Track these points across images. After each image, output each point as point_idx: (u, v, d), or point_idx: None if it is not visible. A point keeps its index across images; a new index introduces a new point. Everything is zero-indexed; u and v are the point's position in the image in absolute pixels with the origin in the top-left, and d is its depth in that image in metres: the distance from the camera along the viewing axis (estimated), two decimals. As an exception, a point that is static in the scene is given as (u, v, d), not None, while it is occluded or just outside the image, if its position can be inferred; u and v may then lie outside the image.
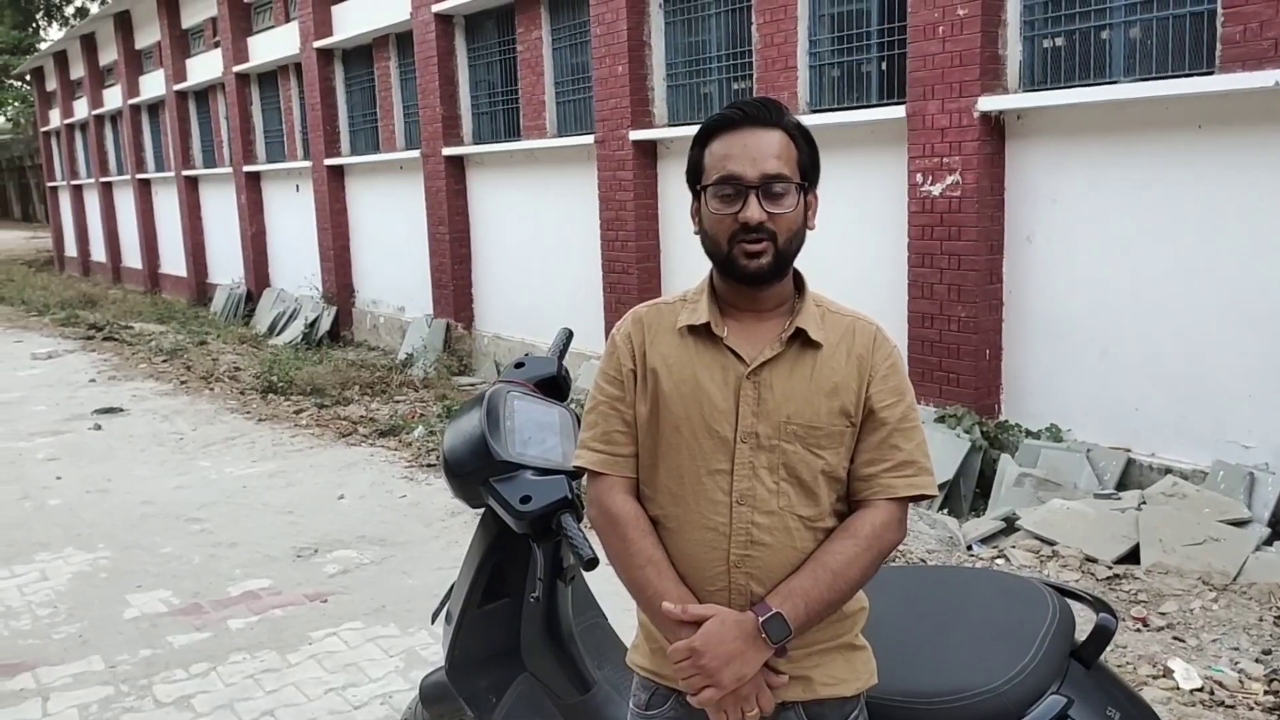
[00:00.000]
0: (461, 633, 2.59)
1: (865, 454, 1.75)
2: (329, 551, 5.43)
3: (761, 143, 1.72)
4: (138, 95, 20.63)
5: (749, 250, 1.71)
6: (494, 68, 10.96)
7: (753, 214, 1.70)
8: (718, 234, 1.74)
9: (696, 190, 1.80)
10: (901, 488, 1.74)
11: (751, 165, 1.70)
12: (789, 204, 1.73)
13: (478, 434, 2.35)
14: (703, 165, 1.77)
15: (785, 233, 1.73)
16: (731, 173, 1.71)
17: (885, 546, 1.73)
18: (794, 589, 1.67)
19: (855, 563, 1.69)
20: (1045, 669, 1.89)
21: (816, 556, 1.70)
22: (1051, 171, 6.18)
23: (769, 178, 1.70)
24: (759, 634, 1.64)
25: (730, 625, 1.65)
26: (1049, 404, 6.32)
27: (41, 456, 7.65)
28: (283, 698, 3.86)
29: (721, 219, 1.73)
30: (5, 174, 51.82)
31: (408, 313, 12.79)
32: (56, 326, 15.14)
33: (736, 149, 1.72)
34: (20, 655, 4.27)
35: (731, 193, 1.71)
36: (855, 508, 1.77)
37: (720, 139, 1.75)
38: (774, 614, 1.64)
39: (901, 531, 1.77)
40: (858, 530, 1.72)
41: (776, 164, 1.71)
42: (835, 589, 1.68)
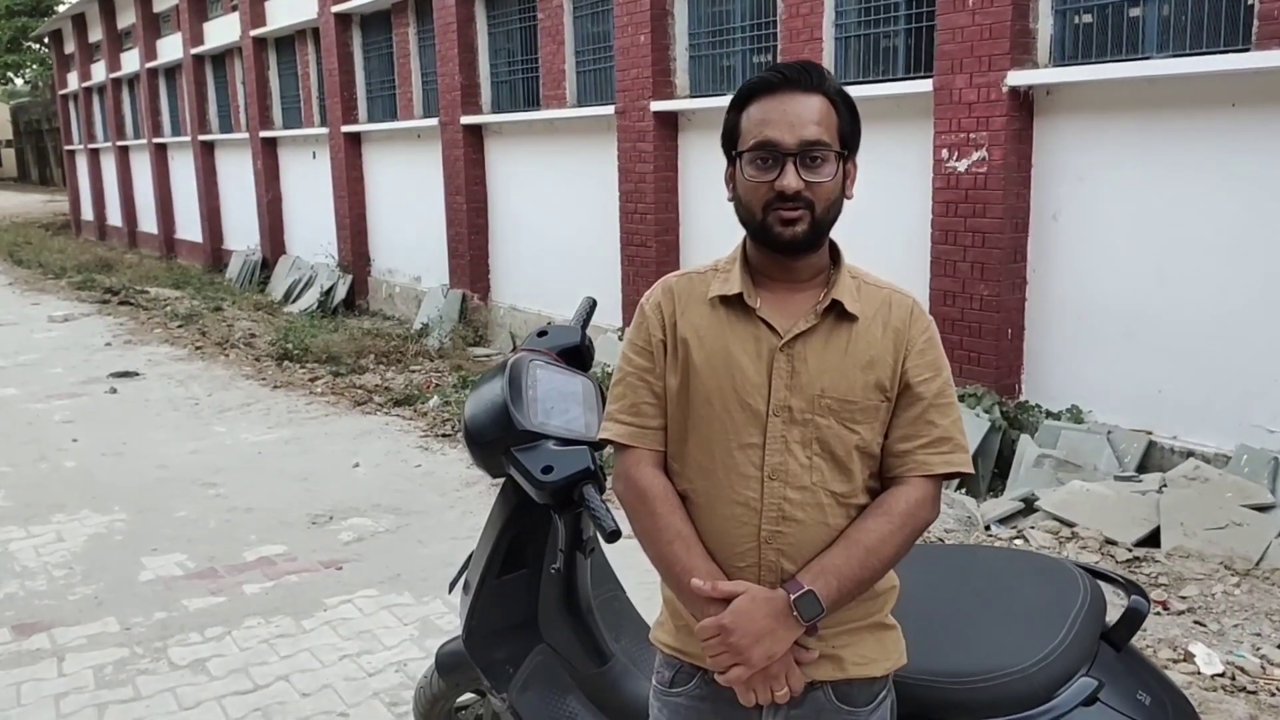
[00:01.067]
0: (479, 603, 2.56)
1: (900, 429, 1.70)
2: (344, 519, 5.42)
3: (801, 108, 1.65)
4: (155, 59, 20.57)
5: (785, 217, 1.65)
6: (514, 36, 10.87)
7: (790, 182, 1.63)
8: (752, 201, 1.68)
9: (732, 155, 1.73)
10: (937, 464, 1.69)
11: (790, 131, 1.64)
12: (827, 173, 1.66)
13: (500, 402, 2.32)
14: (739, 130, 1.70)
15: (823, 202, 1.67)
16: (769, 139, 1.64)
17: (919, 524, 1.69)
18: (826, 566, 1.63)
19: (889, 541, 1.65)
20: (1076, 651, 1.85)
21: (849, 534, 1.66)
22: (1080, 148, 6.08)
23: (808, 144, 1.64)
24: (790, 612, 1.60)
25: (761, 602, 1.61)
26: (1071, 384, 6.25)
27: (58, 419, 7.66)
28: (297, 663, 3.86)
29: (757, 186, 1.66)
30: (23, 137, 51.87)
31: (424, 282, 12.76)
32: (73, 290, 15.16)
33: (775, 114, 1.65)
34: (36, 615, 4.28)
35: (768, 159, 1.65)
36: (888, 484, 1.72)
37: (758, 103, 1.68)
38: (806, 591, 1.60)
39: (936, 509, 1.72)
40: (892, 507, 1.67)
41: (816, 130, 1.65)
42: (868, 567, 1.64)
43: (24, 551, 5.00)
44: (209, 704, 3.57)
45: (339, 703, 3.57)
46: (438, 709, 2.91)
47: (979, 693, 1.82)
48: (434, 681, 2.86)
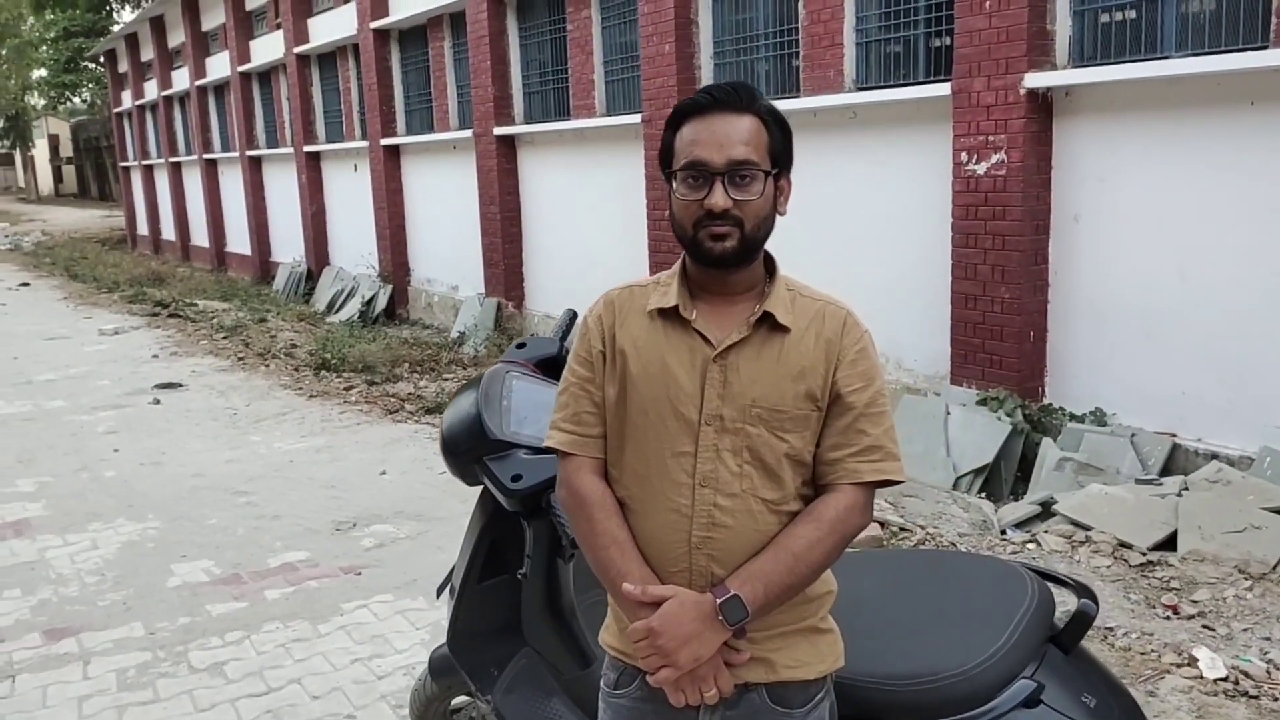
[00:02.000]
0: (462, 608, 2.64)
1: (831, 438, 1.74)
2: (367, 526, 5.54)
3: (730, 129, 1.70)
4: (204, 76, 21.08)
5: (715, 233, 1.70)
6: (545, 47, 11.00)
7: (717, 201, 1.69)
8: (684, 219, 1.73)
9: (666, 174, 1.78)
10: (867, 473, 1.73)
11: (718, 151, 1.69)
12: (755, 191, 1.71)
13: (473, 413, 2.40)
14: (673, 150, 1.76)
15: (752, 219, 1.71)
16: (698, 159, 1.70)
17: (849, 531, 1.73)
18: (754, 571, 1.67)
19: (817, 547, 1.69)
20: (1018, 653, 1.87)
21: (778, 540, 1.70)
22: (1100, 149, 6.04)
23: (735, 164, 1.69)
24: (716, 615, 1.65)
25: (688, 606, 1.66)
26: (1094, 387, 6.20)
27: (101, 430, 7.91)
28: (311, 666, 3.97)
29: (688, 205, 1.72)
30: (83, 154, 53.33)
31: (461, 291, 12.94)
32: (124, 303, 15.57)
33: (704, 135, 1.71)
34: (66, 620, 4.45)
35: (698, 179, 1.70)
36: (821, 491, 1.76)
37: (690, 124, 1.74)
38: (732, 596, 1.64)
39: (866, 516, 1.76)
40: (821, 515, 1.72)
41: (744, 150, 1.70)
42: (796, 572, 1.68)
43: (59, 559, 5.18)
44: (223, 706, 3.69)
45: (347, 705, 3.67)
46: (432, 711, 2.99)
47: (920, 695, 1.85)
48: (427, 684, 2.94)
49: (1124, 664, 3.68)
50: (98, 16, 40.05)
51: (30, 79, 48.17)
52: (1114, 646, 3.83)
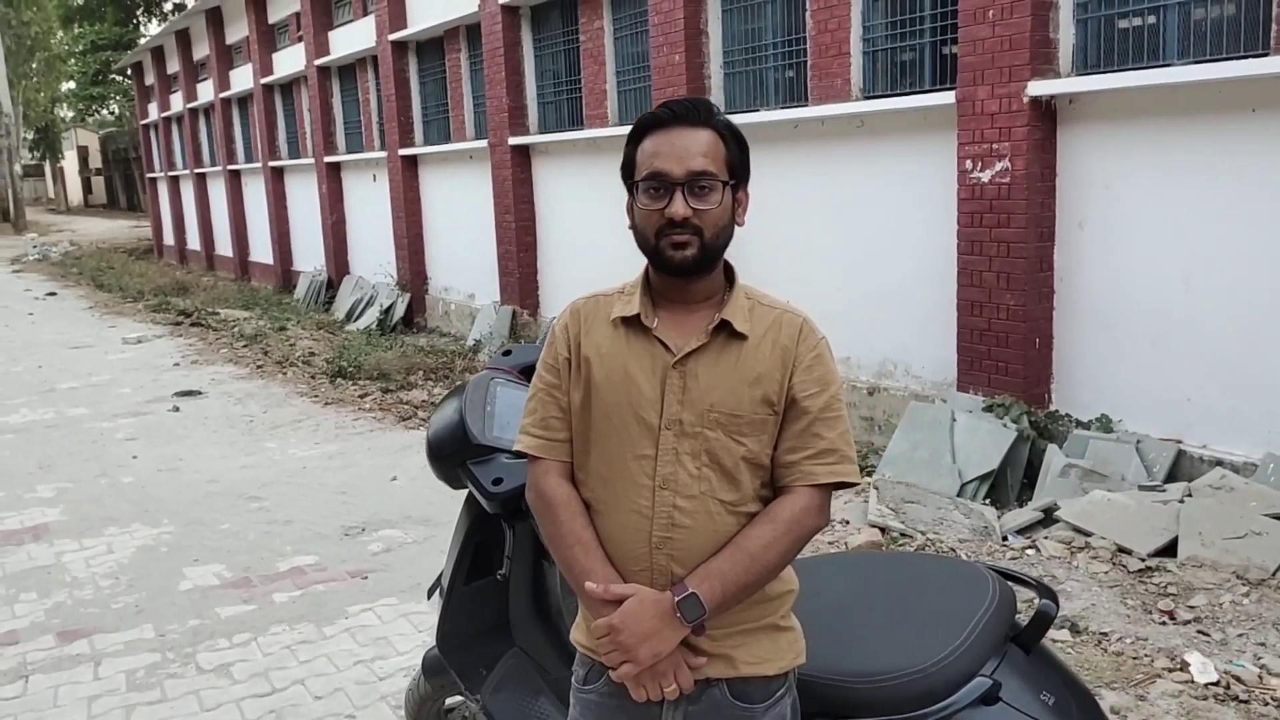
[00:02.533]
0: (450, 609, 2.71)
1: (787, 441, 1.80)
2: (375, 530, 5.63)
3: (689, 141, 1.78)
4: (228, 89, 21.35)
5: (675, 241, 1.77)
6: (558, 58, 11.11)
7: (678, 210, 1.76)
8: (646, 228, 1.81)
9: (629, 186, 1.86)
10: (822, 475, 1.79)
11: (678, 163, 1.76)
12: (714, 200, 1.78)
13: (456, 418, 2.47)
14: (634, 162, 1.83)
15: (711, 228, 1.78)
16: (659, 170, 1.77)
17: (805, 532, 1.78)
18: (711, 570, 1.73)
19: (773, 547, 1.75)
20: (976, 652, 1.92)
21: (736, 540, 1.76)
22: (1104, 156, 6.06)
23: (694, 175, 1.76)
24: (675, 613, 1.71)
25: (648, 604, 1.73)
26: (1100, 394, 6.21)
27: (121, 436, 8.05)
28: (315, 668, 4.05)
29: (650, 214, 1.79)
30: (112, 165, 54.02)
31: (477, 300, 13.05)
32: (149, 312, 15.80)
33: (665, 147, 1.78)
34: (80, 623, 4.55)
35: (659, 189, 1.78)
36: (779, 493, 1.82)
37: (651, 137, 1.81)
38: (690, 594, 1.71)
39: (823, 518, 1.81)
40: (777, 515, 1.77)
41: (703, 161, 1.77)
42: (752, 571, 1.74)
43: (75, 563, 5.30)
44: (229, 706, 3.78)
45: (348, 705, 3.75)
46: (426, 710, 3.06)
47: (879, 692, 1.90)
48: (421, 684, 3.01)
49: (1116, 669, 3.70)
50: (125, 30, 40.65)
51: (59, 91, 48.94)
52: (1107, 651, 3.85)
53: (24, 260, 26.78)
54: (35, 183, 63.32)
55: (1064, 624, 4.06)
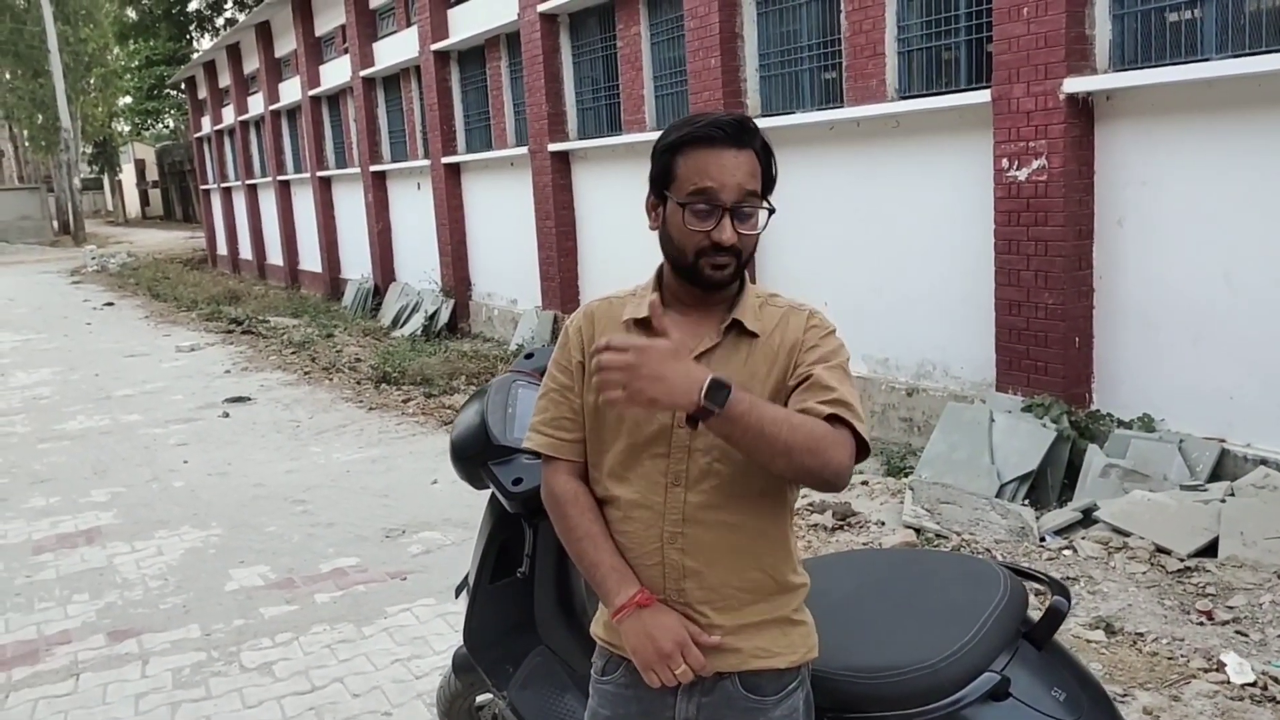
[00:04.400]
0: (476, 607, 2.77)
1: (797, 396, 1.76)
2: (416, 533, 5.73)
3: (738, 164, 1.78)
4: (277, 101, 21.76)
5: (716, 263, 1.80)
6: (597, 64, 11.19)
7: (727, 236, 1.77)
8: (686, 246, 1.81)
9: (663, 194, 1.85)
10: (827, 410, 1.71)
11: (728, 186, 1.77)
12: (756, 225, 1.82)
13: (478, 420, 2.53)
14: (674, 174, 1.82)
15: (748, 249, 1.82)
16: (709, 191, 1.77)
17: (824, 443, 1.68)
18: (753, 397, 1.67)
19: (800, 428, 1.66)
20: (985, 647, 1.93)
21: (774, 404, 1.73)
22: (1142, 153, 5.99)
23: (744, 198, 1.78)
24: (701, 384, 1.61)
25: (682, 354, 1.65)
26: (1141, 393, 6.14)
27: (173, 442, 8.25)
28: (353, 666, 4.14)
29: (693, 234, 1.79)
30: (167, 177, 55.24)
31: (520, 305, 13.17)
32: (202, 321, 16.13)
33: (714, 168, 1.77)
34: (129, 623, 4.69)
35: (706, 209, 1.78)
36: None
37: (698, 153, 1.79)
38: (726, 384, 1.61)
39: (842, 453, 1.70)
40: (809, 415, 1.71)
41: (751, 184, 1.79)
42: (776, 424, 1.64)
43: (126, 565, 5.45)
44: (270, 703, 3.88)
45: (385, 703, 3.83)
46: (457, 707, 3.12)
47: (887, 687, 1.92)
48: (451, 681, 3.07)
49: (1150, 669, 3.67)
50: (178, 45, 41.55)
51: (117, 106, 50.11)
52: (1142, 652, 3.81)
53: (83, 271, 27.45)
54: (94, 196, 64.86)
55: (1099, 624, 4.03)
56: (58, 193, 44.47)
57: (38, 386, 11.17)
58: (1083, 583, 4.43)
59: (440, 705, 3.17)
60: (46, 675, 4.18)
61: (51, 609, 4.90)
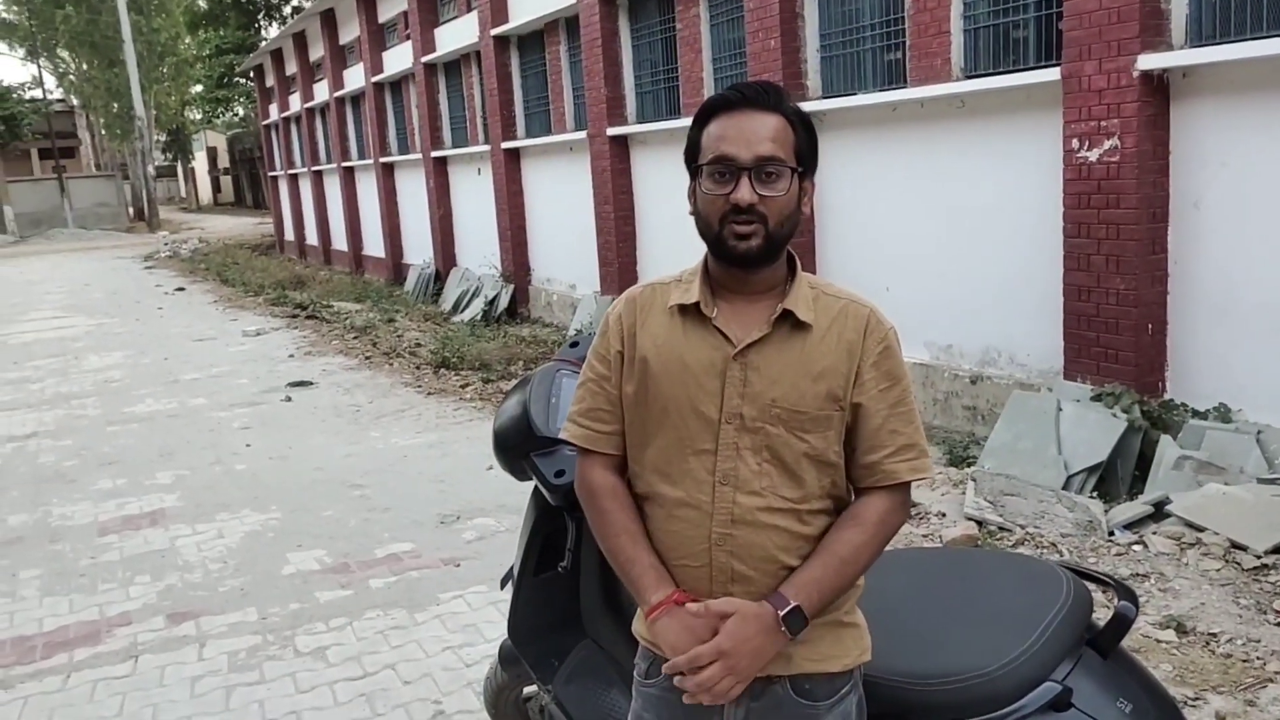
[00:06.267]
0: (520, 600, 2.73)
1: (865, 441, 1.76)
2: (470, 519, 5.73)
3: (758, 125, 1.73)
4: (342, 88, 21.98)
5: (739, 231, 1.72)
6: (655, 47, 11.08)
7: (744, 195, 1.70)
8: (710, 214, 1.76)
9: (692, 170, 1.81)
10: (904, 473, 1.76)
11: (746, 147, 1.71)
12: (781, 187, 1.73)
13: (520, 410, 2.48)
14: (699, 145, 1.79)
15: (776, 216, 1.73)
16: (725, 153, 1.72)
17: (890, 532, 1.77)
18: (807, 580, 1.71)
19: (863, 551, 1.74)
20: (1046, 655, 1.84)
21: (826, 545, 1.74)
22: (1221, 132, 5.74)
23: (762, 160, 1.71)
24: (779, 627, 1.69)
25: (751, 620, 1.69)
26: (1218, 382, 5.90)
27: (236, 426, 8.38)
28: (405, 653, 4.15)
29: (714, 199, 1.74)
30: (238, 164, 56.31)
31: (578, 290, 13.15)
32: (268, 306, 16.40)
33: (732, 131, 1.73)
34: (188, 605, 4.76)
35: (725, 173, 1.73)
36: (859, 494, 1.79)
37: (718, 120, 1.76)
38: (794, 608, 1.69)
39: (905, 514, 1.79)
40: (864, 518, 1.75)
41: (771, 147, 1.72)
42: (844, 575, 1.73)
43: (187, 547, 5.54)
44: (322, 689, 3.90)
45: (436, 691, 3.83)
46: (504, 698, 3.09)
47: (942, 695, 1.84)
48: (498, 673, 3.05)
49: (1224, 671, 3.52)
50: (246, 34, 42.24)
51: (189, 95, 51.17)
52: (1215, 653, 3.66)
53: (156, 257, 28.09)
54: (168, 183, 66.41)
55: (1170, 623, 3.88)
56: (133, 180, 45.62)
57: (109, 370, 11.43)
58: (1153, 580, 4.27)
59: (487, 696, 3.15)
60: (107, 656, 4.26)
61: (114, 590, 4.99)
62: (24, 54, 45.56)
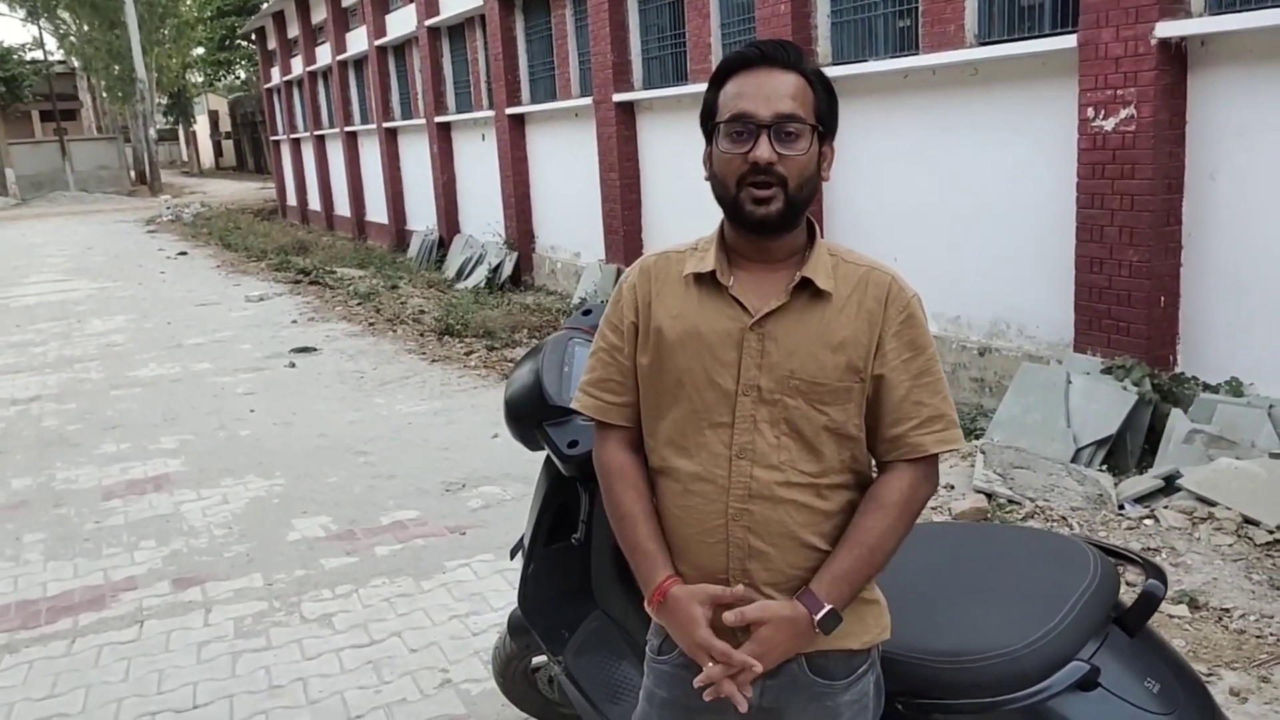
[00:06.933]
0: (531, 571, 2.70)
1: (889, 414, 1.71)
2: (475, 487, 5.71)
3: (777, 83, 1.67)
4: (344, 52, 21.77)
5: (757, 195, 1.66)
6: (662, 11, 10.93)
7: (763, 153, 1.65)
8: (726, 175, 1.70)
9: (709, 130, 1.75)
10: (931, 444, 1.71)
11: (765, 104, 1.65)
12: (802, 147, 1.67)
13: (532, 379, 2.44)
14: (716, 106, 1.73)
15: (796, 178, 1.67)
16: (744, 111, 1.66)
17: (917, 508, 1.73)
18: (837, 574, 1.68)
19: (890, 535, 1.70)
20: (1073, 634, 1.80)
21: (852, 535, 1.70)
22: (1239, 102, 5.65)
23: (782, 117, 1.65)
24: (813, 629, 1.67)
25: (784, 626, 1.67)
26: (1230, 356, 5.85)
27: (240, 391, 8.34)
28: (411, 621, 4.13)
29: (731, 159, 1.68)
30: (240, 129, 55.96)
31: (583, 258, 13.07)
32: (270, 271, 16.32)
33: (750, 88, 1.67)
34: (194, 570, 4.74)
35: (742, 131, 1.66)
36: (882, 468, 1.75)
37: (735, 79, 1.70)
38: (829, 611, 1.66)
39: (932, 486, 1.75)
40: (887, 499, 1.70)
41: (791, 104, 1.66)
42: (874, 564, 1.70)
43: (192, 513, 5.52)
44: (328, 655, 3.88)
45: (442, 659, 3.81)
46: (512, 668, 3.07)
47: (966, 673, 1.81)
48: (507, 643, 3.02)
49: (1237, 648, 3.49)
50: (248, -4, 41.78)
51: (190, 57, 50.76)
52: (1228, 629, 3.63)
53: (158, 221, 27.98)
54: (170, 146, 66.05)
55: (1182, 599, 3.85)
56: (134, 143, 45.38)
57: (112, 334, 11.39)
58: (1165, 554, 4.25)
59: (495, 666, 3.13)
60: (112, 621, 4.24)
61: (119, 555, 4.97)
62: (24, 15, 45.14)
